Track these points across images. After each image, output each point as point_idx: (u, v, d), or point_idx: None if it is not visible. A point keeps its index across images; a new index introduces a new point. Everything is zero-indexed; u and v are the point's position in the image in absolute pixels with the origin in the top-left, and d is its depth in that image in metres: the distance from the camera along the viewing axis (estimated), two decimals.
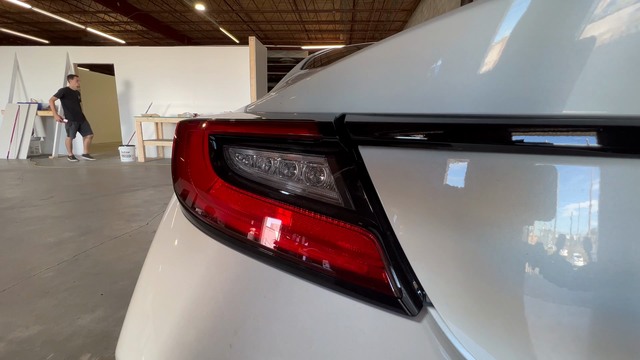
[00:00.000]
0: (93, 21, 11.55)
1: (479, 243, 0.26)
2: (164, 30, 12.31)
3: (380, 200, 0.32)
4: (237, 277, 0.40)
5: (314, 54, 1.70)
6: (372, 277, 0.33)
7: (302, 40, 15.17)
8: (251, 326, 0.35)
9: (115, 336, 1.45)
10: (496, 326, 0.26)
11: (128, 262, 2.17)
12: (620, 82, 0.21)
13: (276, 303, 0.36)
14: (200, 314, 0.39)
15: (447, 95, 0.28)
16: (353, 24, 12.30)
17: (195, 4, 9.40)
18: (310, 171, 0.38)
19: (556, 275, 0.24)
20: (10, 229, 2.70)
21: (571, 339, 0.24)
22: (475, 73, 0.26)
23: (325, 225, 0.36)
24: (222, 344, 0.36)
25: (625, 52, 0.20)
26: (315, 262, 0.36)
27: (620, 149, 0.21)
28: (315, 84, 0.44)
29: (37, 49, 7.77)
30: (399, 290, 0.32)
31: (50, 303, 1.69)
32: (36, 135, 7.75)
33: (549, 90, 0.23)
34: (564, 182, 0.23)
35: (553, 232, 0.23)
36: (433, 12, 7.89)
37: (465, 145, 0.26)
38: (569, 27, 0.22)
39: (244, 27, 12.70)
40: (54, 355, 1.34)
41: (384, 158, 0.31)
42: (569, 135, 0.22)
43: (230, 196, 0.44)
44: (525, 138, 0.23)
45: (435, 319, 0.31)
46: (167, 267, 0.49)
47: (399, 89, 0.31)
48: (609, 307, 0.22)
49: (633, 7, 0.20)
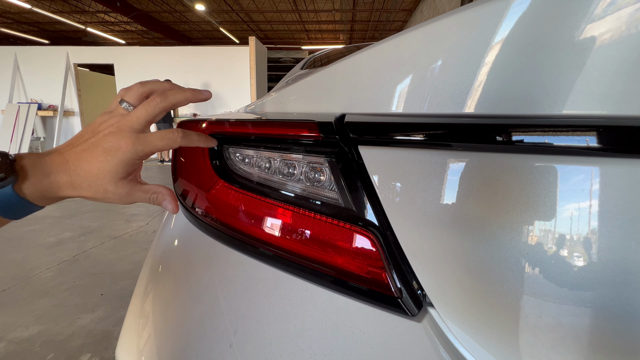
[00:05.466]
0: (93, 21, 11.55)
1: (479, 243, 0.26)
2: (164, 30, 12.31)
3: (380, 200, 0.32)
4: (237, 277, 0.40)
5: (314, 54, 1.70)
6: (372, 277, 0.33)
7: (302, 40, 15.16)
8: (251, 326, 0.35)
9: (115, 336, 1.45)
10: (496, 326, 0.26)
11: (128, 262, 2.17)
12: (620, 82, 0.21)
13: (276, 303, 0.36)
14: (200, 314, 0.39)
15: (447, 95, 0.28)
16: (353, 24, 12.30)
17: (195, 4, 9.40)
18: (310, 171, 0.38)
19: (556, 275, 0.24)
20: (10, 229, 2.70)
21: (571, 339, 0.24)
22: (475, 73, 0.26)
23: (325, 225, 0.36)
24: (222, 344, 0.36)
25: (625, 52, 0.20)
26: (315, 262, 0.36)
27: (620, 149, 0.21)
28: (315, 84, 0.44)
29: (37, 49, 7.76)
30: (399, 290, 0.32)
31: (50, 303, 1.69)
32: (36, 135, 7.74)
33: (549, 90, 0.23)
34: (564, 182, 0.23)
35: (553, 232, 0.23)
36: (433, 12, 7.89)
37: (465, 145, 0.26)
38: (569, 27, 0.22)
39: (244, 27, 12.70)
40: (54, 355, 1.34)
41: (384, 158, 0.31)
42: (569, 135, 0.22)
43: (230, 196, 0.44)
44: (525, 138, 0.23)
45: (435, 319, 0.31)
46: (167, 267, 0.49)
47: (399, 89, 0.31)
48: (609, 307, 0.22)
49: (633, 7, 0.20)
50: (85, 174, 0.32)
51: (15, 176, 0.30)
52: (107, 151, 0.33)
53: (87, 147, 0.33)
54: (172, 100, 0.36)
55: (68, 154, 0.33)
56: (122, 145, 0.33)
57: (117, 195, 0.34)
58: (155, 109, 0.35)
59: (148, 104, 0.35)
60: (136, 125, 0.34)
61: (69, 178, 0.32)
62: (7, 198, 0.30)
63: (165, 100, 0.35)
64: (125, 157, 0.33)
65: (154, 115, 0.35)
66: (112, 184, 0.33)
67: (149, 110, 0.34)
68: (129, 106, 0.35)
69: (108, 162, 0.32)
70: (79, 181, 0.32)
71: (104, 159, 0.32)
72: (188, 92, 0.37)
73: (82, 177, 0.32)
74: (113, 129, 0.33)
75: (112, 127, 0.33)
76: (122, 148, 0.33)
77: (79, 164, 0.32)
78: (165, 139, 0.35)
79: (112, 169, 0.33)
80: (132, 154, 0.33)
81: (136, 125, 0.34)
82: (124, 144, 0.33)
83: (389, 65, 0.33)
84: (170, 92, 0.36)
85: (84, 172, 0.32)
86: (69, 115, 7.79)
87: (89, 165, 0.32)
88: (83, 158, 0.32)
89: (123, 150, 0.33)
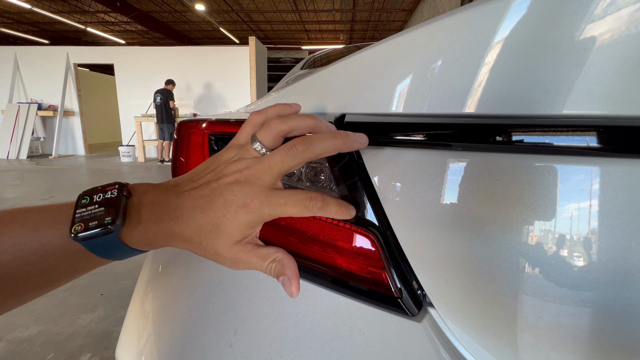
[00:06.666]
0: (93, 21, 11.55)
1: (479, 243, 0.26)
2: (164, 30, 12.32)
3: (380, 200, 0.32)
4: (237, 277, 0.40)
5: (314, 54, 1.70)
6: (372, 277, 0.33)
7: (302, 40, 15.17)
8: (251, 326, 0.35)
9: (115, 336, 1.45)
10: (496, 326, 0.26)
11: (128, 261, 2.16)
12: (620, 82, 0.21)
13: (276, 303, 0.36)
14: (200, 314, 0.39)
15: (447, 95, 0.28)
16: (353, 24, 12.30)
17: (195, 4, 9.40)
18: (310, 171, 0.38)
19: (556, 275, 0.24)
20: None
21: (571, 339, 0.24)
22: (475, 73, 0.26)
23: (325, 225, 0.36)
24: (222, 344, 0.36)
25: (625, 52, 0.20)
26: (315, 262, 0.36)
27: (620, 149, 0.21)
28: (315, 84, 0.44)
29: (37, 49, 7.77)
30: (399, 290, 0.32)
31: (50, 303, 1.69)
32: (36, 135, 7.75)
33: (549, 90, 0.23)
34: (564, 182, 0.23)
35: (553, 232, 0.23)
36: (433, 12, 7.89)
37: (465, 145, 0.26)
38: (569, 26, 0.22)
39: (244, 27, 12.70)
40: (54, 355, 1.34)
41: (384, 158, 0.31)
42: (569, 135, 0.22)
43: None
44: (525, 138, 0.23)
45: (435, 319, 0.31)
46: (167, 267, 0.49)
47: (399, 89, 0.31)
48: (609, 307, 0.22)
49: (633, 7, 0.20)
50: (197, 227, 0.26)
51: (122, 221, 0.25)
52: (228, 206, 0.26)
53: (206, 194, 0.27)
54: (317, 151, 0.27)
55: (185, 197, 0.27)
56: (247, 203, 0.26)
57: (229, 261, 0.28)
58: (295, 161, 0.26)
59: (287, 153, 0.26)
60: (269, 178, 0.27)
61: (179, 230, 0.26)
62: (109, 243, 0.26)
63: (309, 150, 0.26)
64: (247, 219, 0.26)
65: (292, 168, 0.27)
66: (225, 247, 0.27)
67: (286, 161, 0.26)
68: (262, 148, 0.28)
69: (226, 220, 0.26)
70: (189, 235, 0.27)
71: (222, 215, 0.26)
72: (339, 141, 0.27)
73: (192, 230, 0.26)
74: (241, 177, 0.27)
75: (239, 174, 0.27)
76: (247, 207, 0.26)
77: (193, 214, 0.26)
78: (301, 206, 0.27)
79: (229, 229, 0.26)
80: (257, 217, 0.26)
81: (269, 178, 0.27)
82: (250, 201, 0.26)
83: (389, 65, 0.33)
84: (316, 138, 0.27)
85: (195, 226, 0.26)
86: (69, 115, 7.80)
87: (203, 219, 0.26)
88: (199, 207, 0.26)
89: (247, 210, 0.26)
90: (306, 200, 0.27)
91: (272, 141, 0.28)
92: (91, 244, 0.25)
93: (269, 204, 0.26)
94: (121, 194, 0.27)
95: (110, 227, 0.25)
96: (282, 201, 0.27)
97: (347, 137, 0.28)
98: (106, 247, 0.26)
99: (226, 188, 0.26)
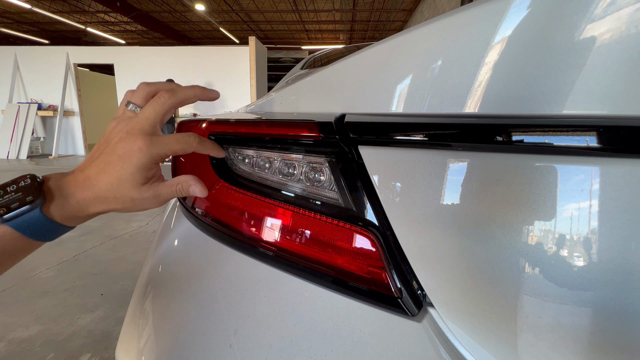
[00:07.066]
0: (93, 21, 11.55)
1: (479, 243, 0.26)
2: (163, 30, 12.31)
3: (380, 200, 0.32)
4: (237, 277, 0.40)
5: (314, 54, 1.70)
6: (372, 277, 0.33)
7: (302, 40, 15.17)
8: (251, 326, 0.35)
9: (115, 336, 1.45)
10: (496, 326, 0.26)
11: (128, 262, 2.17)
12: (621, 82, 0.21)
13: (276, 303, 0.36)
14: (200, 314, 0.39)
15: (447, 95, 0.28)
16: (353, 24, 12.30)
17: (195, 4, 9.40)
18: (310, 171, 0.38)
19: (556, 275, 0.24)
20: None
21: (571, 339, 0.24)
22: (475, 73, 0.26)
23: (325, 225, 0.36)
24: (222, 344, 0.36)
25: (625, 52, 0.20)
26: (316, 262, 0.36)
27: (620, 149, 0.21)
28: (315, 84, 0.44)
29: (37, 49, 7.77)
30: (399, 290, 0.32)
31: (50, 303, 1.69)
32: (36, 135, 7.75)
33: (549, 90, 0.23)
34: (564, 182, 0.23)
35: (553, 232, 0.23)
36: (433, 12, 7.89)
37: (465, 145, 0.26)
38: (569, 26, 0.22)
39: (244, 27, 12.70)
40: (54, 355, 1.34)
41: (384, 158, 0.31)
42: (569, 135, 0.22)
43: (230, 196, 0.44)
44: (525, 138, 0.23)
45: (435, 319, 0.31)
46: (167, 267, 0.49)
47: (398, 89, 0.31)
48: (609, 307, 0.22)
49: (633, 7, 0.20)
50: (107, 186, 0.31)
51: (43, 199, 0.29)
52: (122, 158, 0.31)
53: (104, 159, 0.32)
54: (180, 96, 0.34)
55: (89, 170, 0.32)
56: (134, 149, 0.31)
57: (146, 201, 0.33)
58: (163, 107, 0.33)
59: (155, 102, 0.33)
60: (146, 127, 0.32)
61: (94, 194, 0.31)
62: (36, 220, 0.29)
63: (174, 97, 0.34)
64: (140, 162, 0.31)
65: (163, 114, 0.33)
66: (135, 191, 0.32)
67: (157, 109, 0.33)
68: (135, 107, 0.34)
69: (125, 170, 0.31)
70: (104, 195, 0.31)
71: (121, 167, 0.31)
72: (197, 89, 0.35)
73: (105, 190, 0.31)
74: (123, 134, 0.32)
75: (121, 132, 0.32)
76: (136, 153, 0.31)
77: (100, 177, 0.31)
78: (181, 142, 0.33)
79: (131, 176, 0.31)
80: (147, 158, 0.32)
81: (146, 127, 0.32)
82: (136, 148, 0.31)
83: (389, 65, 0.33)
84: (179, 88, 0.35)
85: (105, 185, 0.31)
86: (69, 115, 7.79)
87: (108, 177, 0.31)
88: (102, 170, 0.31)
89: (137, 155, 0.31)
90: (186, 137, 0.34)
91: (143, 100, 0.34)
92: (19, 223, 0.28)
93: (154, 145, 0.32)
94: (35, 181, 0.30)
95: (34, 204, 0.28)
96: (166, 141, 0.33)
97: (203, 88, 0.36)
98: (34, 226, 0.29)
99: (116, 146, 0.32)
